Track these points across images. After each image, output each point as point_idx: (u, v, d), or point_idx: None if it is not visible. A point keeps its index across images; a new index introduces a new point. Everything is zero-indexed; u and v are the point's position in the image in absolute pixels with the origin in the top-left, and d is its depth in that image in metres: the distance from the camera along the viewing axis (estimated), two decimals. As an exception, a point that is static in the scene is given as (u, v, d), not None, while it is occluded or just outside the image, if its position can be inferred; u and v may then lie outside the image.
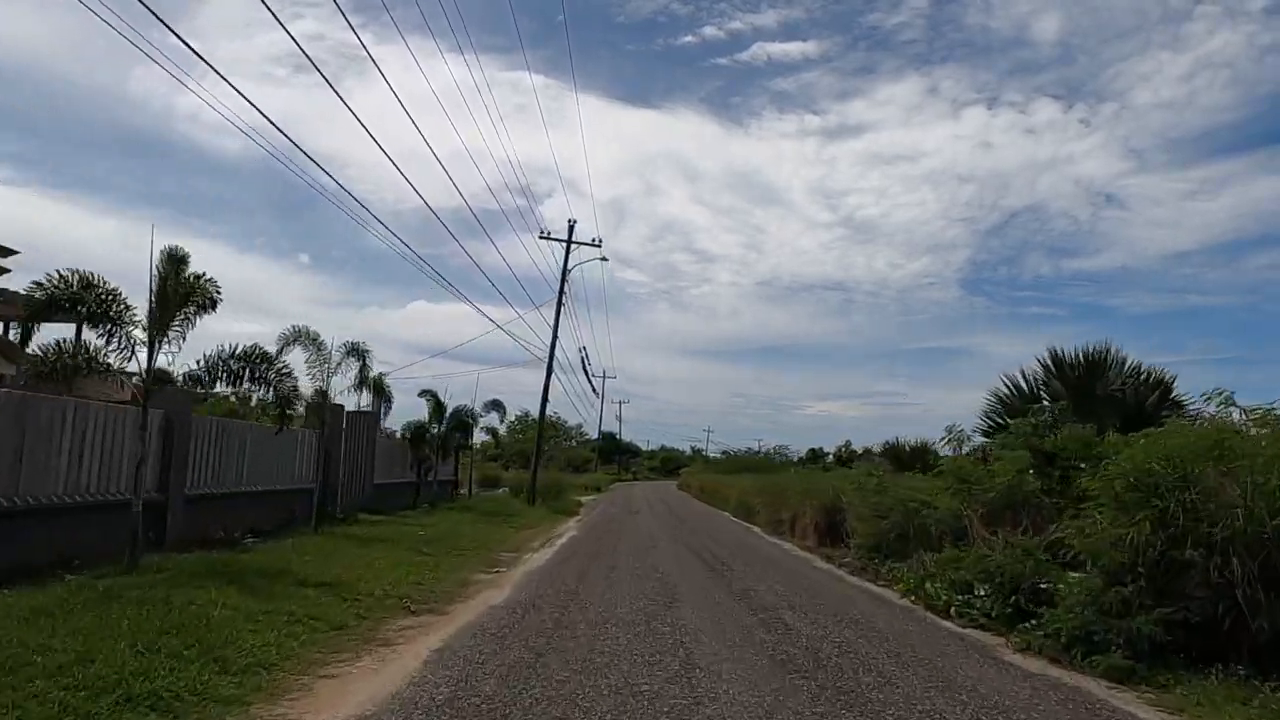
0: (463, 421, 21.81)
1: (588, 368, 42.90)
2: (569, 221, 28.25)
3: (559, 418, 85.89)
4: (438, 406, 21.42)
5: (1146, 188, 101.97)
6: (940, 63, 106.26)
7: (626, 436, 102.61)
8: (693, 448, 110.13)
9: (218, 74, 8.66)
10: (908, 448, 30.77)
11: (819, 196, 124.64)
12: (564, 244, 28.22)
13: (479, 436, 32.92)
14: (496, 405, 25.97)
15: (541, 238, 28.47)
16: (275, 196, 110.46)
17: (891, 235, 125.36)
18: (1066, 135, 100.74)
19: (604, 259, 28.73)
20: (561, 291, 27.86)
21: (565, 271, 27.98)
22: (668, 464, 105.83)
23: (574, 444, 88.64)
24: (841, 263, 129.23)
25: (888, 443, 31.85)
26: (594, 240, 28.69)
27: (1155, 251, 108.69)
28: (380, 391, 14.49)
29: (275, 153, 20.21)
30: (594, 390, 54.14)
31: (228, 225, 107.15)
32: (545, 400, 27.88)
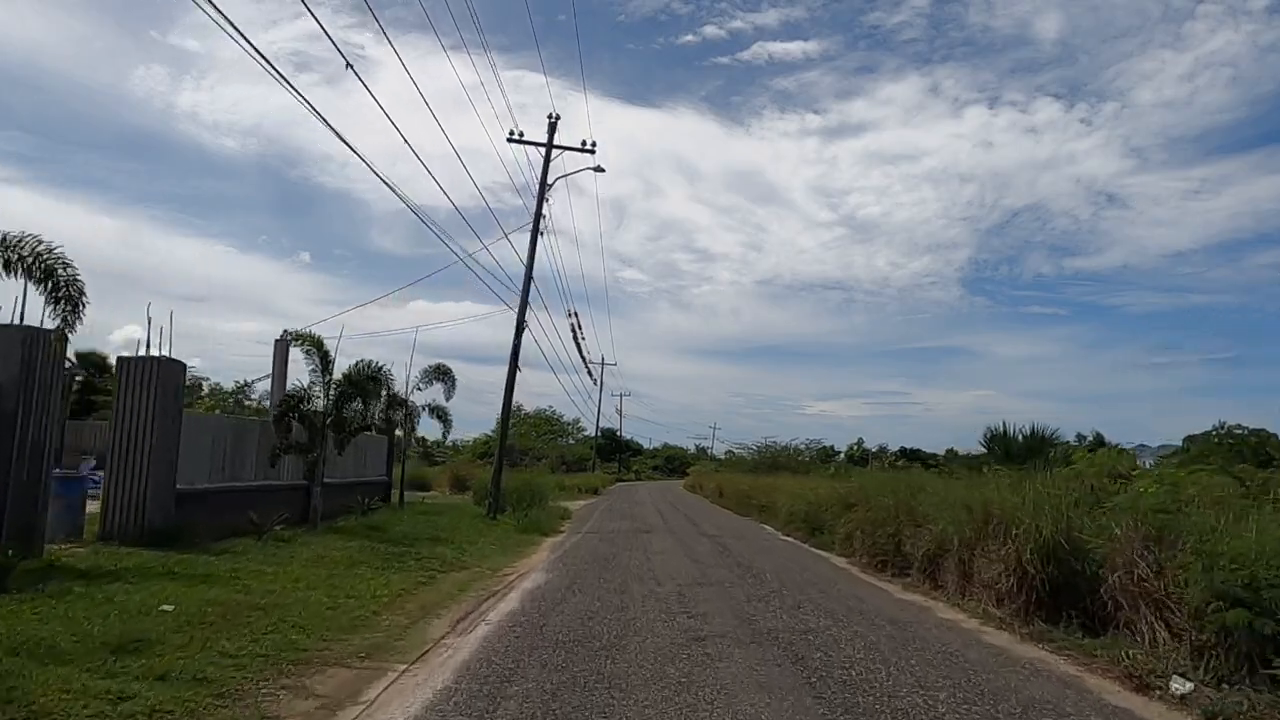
0: (362, 387, 13.32)
1: (580, 340, 34.50)
2: (549, 118, 19.88)
3: (554, 411, 77.08)
4: (325, 364, 12.99)
5: (1147, 187, 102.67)
6: (941, 62, 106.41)
7: (626, 435, 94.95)
8: (697, 445, 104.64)
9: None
10: (1021, 436, 22.59)
11: (819, 196, 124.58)
12: (542, 149, 19.77)
13: (428, 427, 24.65)
14: (441, 374, 17.63)
15: (511, 140, 20.03)
16: (276, 195, 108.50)
17: (892, 234, 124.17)
18: (1067, 134, 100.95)
19: (599, 169, 20.32)
20: (539, 210, 19.43)
21: (545, 184, 19.55)
22: (671, 462, 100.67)
23: (571, 441, 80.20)
24: (842, 262, 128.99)
25: (991, 429, 23.56)
26: (585, 144, 20.24)
27: (1156, 250, 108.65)
28: (59, 292, 6.02)
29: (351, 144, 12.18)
30: (590, 375, 45.76)
31: (229, 224, 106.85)
32: (515, 363, 19.30)
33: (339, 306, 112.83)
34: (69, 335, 6.80)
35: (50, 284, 6.19)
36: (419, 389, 17.80)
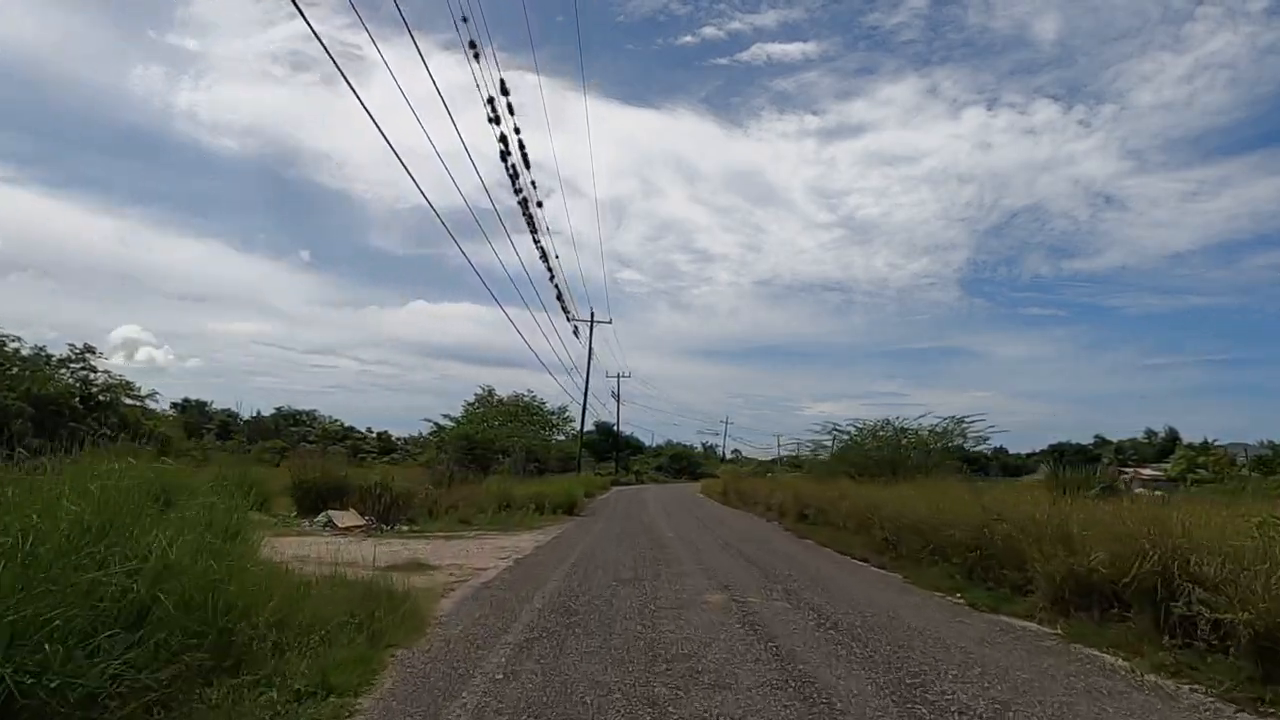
0: None
1: (534, 217, 16.71)
2: None
3: (534, 398, 57.79)
4: None
5: (1146, 188, 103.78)
6: (940, 63, 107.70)
7: (625, 430, 77.78)
8: (703, 444, 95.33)
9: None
10: None
11: (818, 196, 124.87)
12: None
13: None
14: None
15: None
16: (274, 195, 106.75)
17: (891, 235, 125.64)
18: (1066, 136, 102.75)
19: None
20: None
21: None
22: (677, 461, 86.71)
23: (561, 436, 61.61)
24: (841, 263, 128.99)
25: None
26: None
27: (1155, 252, 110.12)
28: None
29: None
30: (560, 300, 28.04)
31: (228, 224, 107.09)
32: None
33: (337, 307, 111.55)
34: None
35: None
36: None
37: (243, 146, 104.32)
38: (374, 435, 62.98)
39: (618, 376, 64.37)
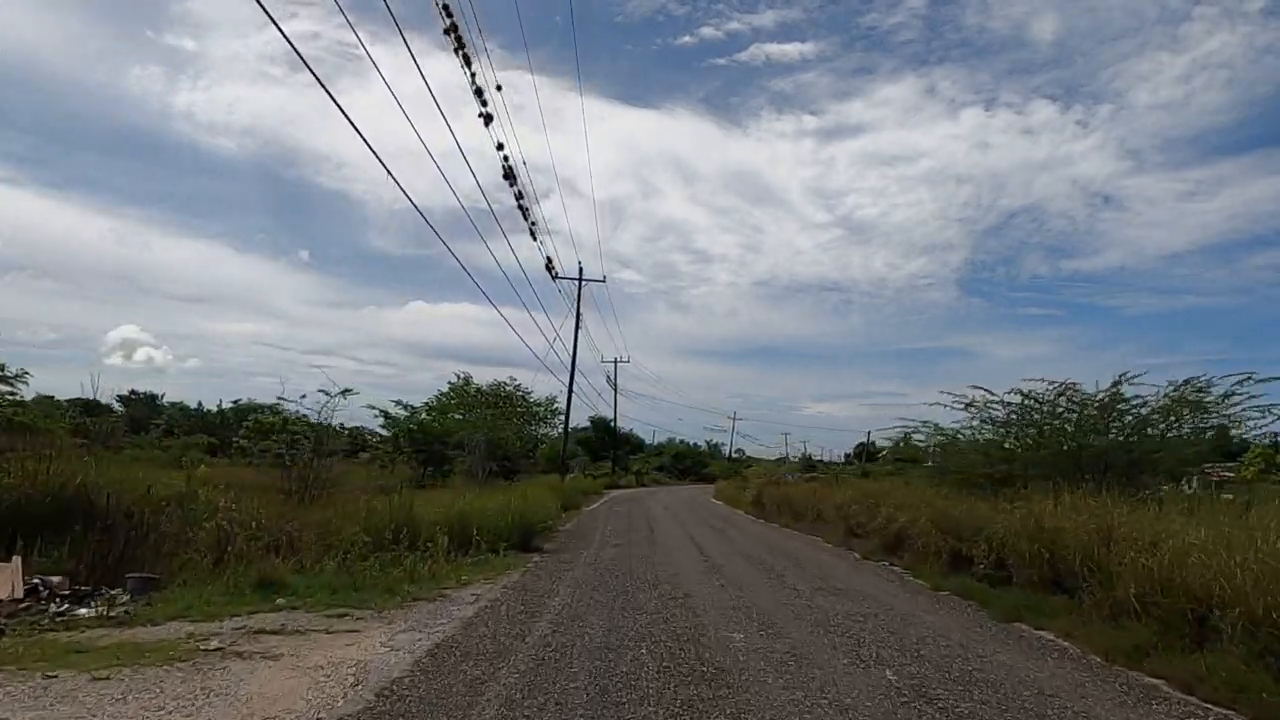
0: None
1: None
2: None
3: (518, 387, 47.19)
4: None
5: (1144, 188, 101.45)
6: (938, 63, 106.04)
7: (623, 428, 68.48)
8: (708, 442, 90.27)
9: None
10: None
11: (816, 197, 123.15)
12: None
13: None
14: None
15: None
16: (273, 196, 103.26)
17: (889, 235, 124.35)
18: (1063, 136, 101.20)
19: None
20: None
21: None
22: (680, 461, 79.45)
23: (554, 433, 51.19)
24: (839, 263, 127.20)
25: None
26: None
27: (1153, 252, 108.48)
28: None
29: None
30: (524, 212, 18.42)
31: (226, 224, 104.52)
32: None
33: (336, 307, 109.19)
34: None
35: None
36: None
37: (241, 147, 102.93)
38: (346, 432, 53.88)
39: (614, 361, 54.86)
